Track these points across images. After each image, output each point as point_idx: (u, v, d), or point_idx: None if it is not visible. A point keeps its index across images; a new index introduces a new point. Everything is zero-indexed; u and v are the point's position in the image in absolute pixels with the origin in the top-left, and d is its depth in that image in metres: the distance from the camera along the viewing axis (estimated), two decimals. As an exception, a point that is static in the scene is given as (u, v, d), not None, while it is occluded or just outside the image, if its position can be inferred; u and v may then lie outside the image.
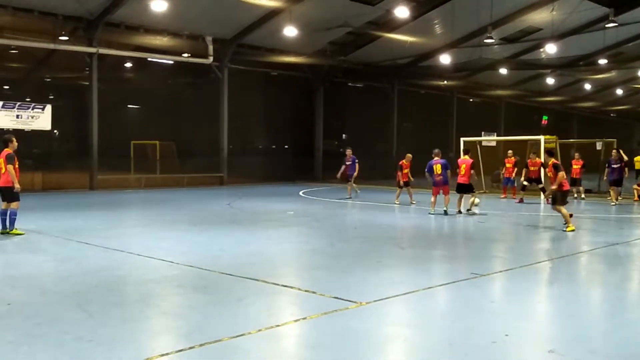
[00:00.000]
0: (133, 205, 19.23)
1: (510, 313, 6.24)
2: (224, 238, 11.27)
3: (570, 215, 12.60)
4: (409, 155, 18.70)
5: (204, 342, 5.02)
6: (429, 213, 15.26)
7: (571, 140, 29.91)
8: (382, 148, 36.15)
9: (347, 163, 20.08)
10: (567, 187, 12.92)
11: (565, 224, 12.37)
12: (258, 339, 5.23)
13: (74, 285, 7.22)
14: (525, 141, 23.53)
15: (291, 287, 7.14)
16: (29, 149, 31.40)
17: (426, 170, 15.69)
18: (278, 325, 5.65)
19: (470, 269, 8.23)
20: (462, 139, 23.36)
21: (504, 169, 21.39)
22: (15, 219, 11.05)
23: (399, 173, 18.60)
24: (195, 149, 30.93)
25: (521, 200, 19.30)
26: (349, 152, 20.30)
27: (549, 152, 13.42)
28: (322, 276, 7.91)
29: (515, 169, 20.70)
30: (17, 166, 11.09)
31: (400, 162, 18.66)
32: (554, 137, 22.64)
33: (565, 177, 12.56)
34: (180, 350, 4.86)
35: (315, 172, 32.19)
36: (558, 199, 12.58)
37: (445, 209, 15.06)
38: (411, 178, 18.69)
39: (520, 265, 8.59)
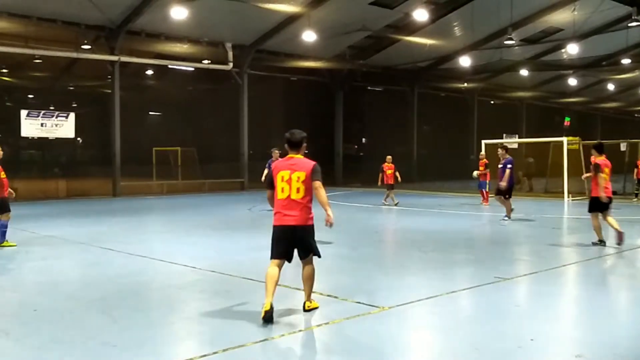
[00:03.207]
0: (155, 211, 19.39)
1: (535, 317, 6.15)
2: (245, 243, 11.30)
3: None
4: (389, 157, 19.40)
5: (227, 347, 5.03)
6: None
7: (595, 141, 29.48)
8: (402, 151, 36.01)
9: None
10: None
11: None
12: (281, 344, 5.22)
13: (99, 290, 7.29)
14: (548, 143, 23.28)
15: (313, 292, 7.11)
16: (53, 156, 31.94)
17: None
18: (300, 330, 5.64)
19: (493, 272, 8.13)
20: (483, 142, 23.18)
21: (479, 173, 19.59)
22: (5, 231, 10.59)
23: (382, 175, 19.10)
24: (216, 154, 31.12)
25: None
26: (275, 153, 17.60)
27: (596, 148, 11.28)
28: (344, 281, 7.89)
29: (488, 172, 19.21)
30: (3, 176, 10.50)
31: (382, 165, 19.20)
32: (577, 138, 22.37)
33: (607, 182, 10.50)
34: (204, 356, 4.87)
35: (335, 176, 32.15)
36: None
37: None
38: (399, 179, 19.22)
39: (545, 269, 8.47)
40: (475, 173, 19.53)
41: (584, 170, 17.78)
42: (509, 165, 14.22)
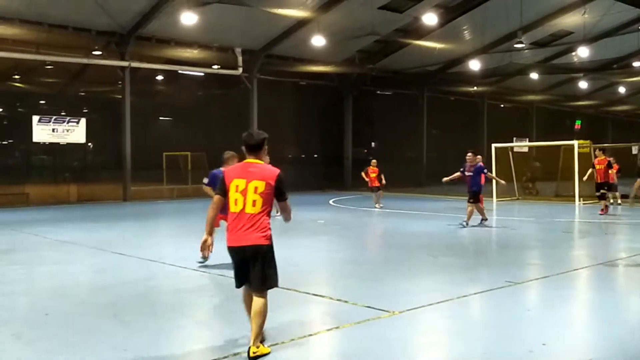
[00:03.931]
0: (166, 215, 19.46)
1: (547, 321, 6.11)
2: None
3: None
4: (374, 161, 20.12)
5: (238, 352, 5.04)
6: None
7: (606, 144, 29.30)
8: (412, 155, 35.95)
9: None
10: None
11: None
12: (291, 348, 5.22)
13: (110, 295, 7.32)
14: (559, 146, 23.16)
15: (322, 296, 7.12)
16: (65, 161, 32.14)
17: None
18: (311, 335, 5.63)
19: (504, 276, 8.08)
20: (493, 145, 23.12)
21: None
22: None
23: (366, 178, 19.66)
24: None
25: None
26: (266, 158, 18.21)
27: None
28: (354, 285, 7.87)
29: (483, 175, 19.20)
30: None
31: (367, 168, 19.84)
32: (588, 141, 22.24)
33: None
34: (214, 360, 4.88)
35: (345, 180, 32.14)
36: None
37: None
38: (383, 182, 19.55)
39: (557, 273, 8.42)
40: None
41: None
42: (485, 171, 14.06)
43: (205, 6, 21.47)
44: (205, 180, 9.26)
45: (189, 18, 21.03)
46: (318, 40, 24.14)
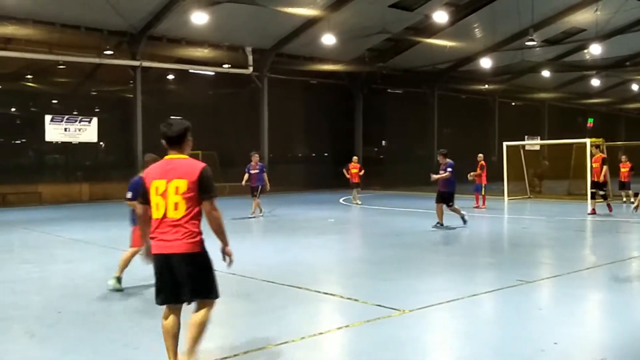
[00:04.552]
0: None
1: (559, 320, 6.07)
2: (265, 246, 11.34)
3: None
4: (355, 157, 21.56)
5: (248, 350, 5.05)
6: None
7: (619, 142, 29.08)
8: (423, 154, 35.84)
9: (252, 172, 16.38)
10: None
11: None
12: (301, 347, 5.23)
13: (121, 293, 7.37)
14: (571, 145, 22.99)
15: (333, 295, 7.12)
16: (77, 160, 32.35)
17: None
18: (321, 333, 5.64)
19: (515, 275, 8.04)
20: (504, 144, 23.00)
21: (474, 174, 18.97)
22: None
23: (347, 174, 20.78)
24: (236, 158, 31.22)
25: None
26: (255, 158, 16.43)
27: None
28: (364, 283, 7.87)
29: (483, 174, 18.66)
30: None
31: (349, 164, 20.99)
32: (601, 139, 22.04)
33: None
34: (225, 358, 4.91)
35: (355, 179, 32.09)
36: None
37: None
38: (360, 177, 20.78)
39: (568, 272, 8.37)
40: (470, 175, 18.96)
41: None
42: (449, 169, 13.27)
43: (215, 5, 21.53)
44: (129, 195, 7.70)
45: (199, 17, 21.09)
46: (328, 39, 24.13)
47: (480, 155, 19.28)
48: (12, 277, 8.55)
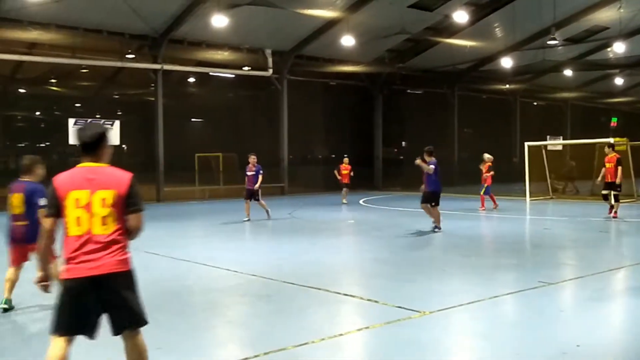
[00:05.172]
0: (198, 216, 19.68)
1: (581, 323, 6.01)
2: (286, 247, 11.38)
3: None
4: (346, 158, 22.05)
5: (269, 351, 5.08)
6: None
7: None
8: (443, 154, 35.61)
9: (249, 173, 16.05)
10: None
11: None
12: (321, 348, 5.24)
13: (143, 294, 7.37)
14: (594, 144, 22.69)
15: (353, 296, 7.13)
16: (100, 163, 32.88)
17: None
18: (341, 335, 5.65)
19: (537, 277, 7.97)
20: (526, 144, 22.79)
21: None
22: None
23: (338, 175, 21.54)
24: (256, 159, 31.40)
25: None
26: (252, 159, 16.13)
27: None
28: (384, 285, 7.86)
29: (490, 176, 18.07)
30: None
31: (340, 165, 21.72)
32: (625, 139, 21.75)
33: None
34: (246, 359, 4.94)
35: (375, 180, 32.05)
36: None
37: None
38: (350, 177, 21.53)
39: (591, 273, 8.27)
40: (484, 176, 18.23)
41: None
42: (431, 166, 12.98)
43: (235, 8, 21.67)
44: (43, 202, 5.60)
45: (219, 20, 21.23)
46: (347, 40, 24.13)
47: (489, 156, 18.45)
48: None
